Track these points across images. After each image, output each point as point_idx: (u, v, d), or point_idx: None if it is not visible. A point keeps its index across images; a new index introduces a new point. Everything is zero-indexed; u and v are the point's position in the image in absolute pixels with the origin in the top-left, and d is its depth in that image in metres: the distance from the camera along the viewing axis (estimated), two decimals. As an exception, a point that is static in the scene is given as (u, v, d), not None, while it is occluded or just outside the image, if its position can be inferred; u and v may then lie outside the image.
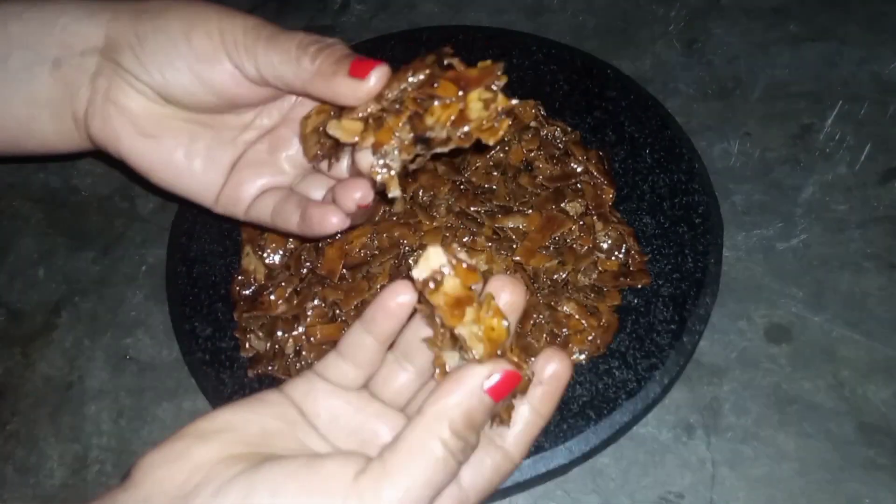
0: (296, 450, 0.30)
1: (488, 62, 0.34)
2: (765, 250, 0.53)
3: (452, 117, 0.34)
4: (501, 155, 0.53)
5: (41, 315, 0.55)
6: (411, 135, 0.35)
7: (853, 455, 0.44)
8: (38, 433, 0.50)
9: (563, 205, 0.50)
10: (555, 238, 0.49)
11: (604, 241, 0.49)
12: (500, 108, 0.34)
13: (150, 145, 0.40)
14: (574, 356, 0.45)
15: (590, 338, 0.46)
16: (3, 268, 0.58)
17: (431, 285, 0.30)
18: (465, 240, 0.48)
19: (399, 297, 0.32)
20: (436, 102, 0.34)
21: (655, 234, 0.50)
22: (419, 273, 0.30)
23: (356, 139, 0.35)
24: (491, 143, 0.34)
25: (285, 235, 0.50)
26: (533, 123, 0.54)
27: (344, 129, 0.35)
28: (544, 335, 0.46)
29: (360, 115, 0.35)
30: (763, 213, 0.54)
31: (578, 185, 0.51)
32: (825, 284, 0.51)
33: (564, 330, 0.46)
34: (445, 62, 0.35)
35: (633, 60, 0.64)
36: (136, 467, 0.29)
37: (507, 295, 0.32)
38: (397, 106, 0.35)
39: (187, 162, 0.41)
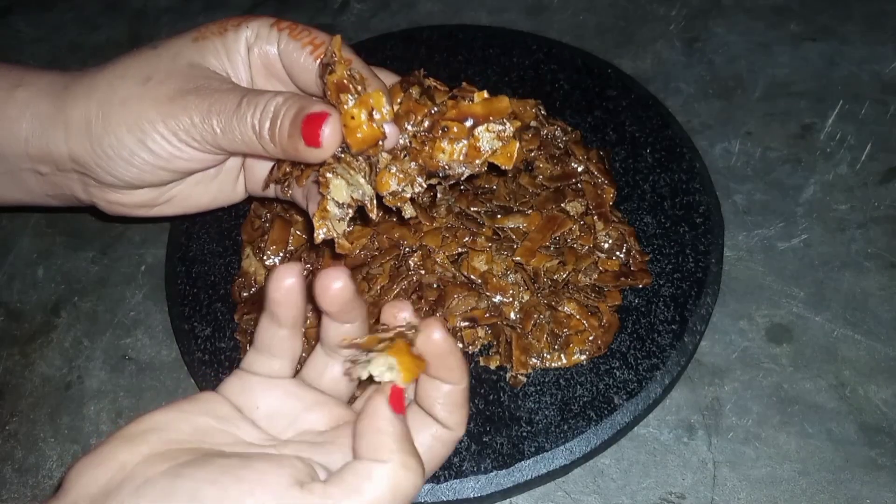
0: (230, 444, 0.30)
1: (497, 99, 0.35)
2: (766, 250, 0.53)
3: (465, 152, 0.35)
4: (502, 154, 0.52)
5: (40, 315, 0.55)
6: (421, 175, 0.36)
7: (854, 455, 0.44)
8: (38, 433, 0.49)
9: (563, 205, 0.50)
10: (555, 238, 0.48)
11: (604, 241, 0.49)
12: (509, 135, 0.35)
13: (164, 208, 0.43)
14: (575, 356, 0.45)
15: (590, 338, 0.46)
16: (2, 268, 0.58)
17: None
18: (465, 240, 0.48)
19: (285, 282, 0.32)
20: (444, 142, 0.35)
21: (656, 233, 0.50)
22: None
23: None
24: (508, 167, 0.35)
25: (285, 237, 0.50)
26: (533, 123, 0.54)
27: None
28: (545, 335, 0.46)
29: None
30: (764, 212, 0.54)
31: (579, 185, 0.51)
32: (826, 284, 0.51)
33: (565, 330, 0.46)
34: (427, 86, 0.36)
35: (633, 59, 0.63)
36: (66, 475, 0.29)
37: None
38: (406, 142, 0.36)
39: (207, 196, 0.44)
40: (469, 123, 0.35)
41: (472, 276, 0.47)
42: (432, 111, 0.36)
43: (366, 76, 0.36)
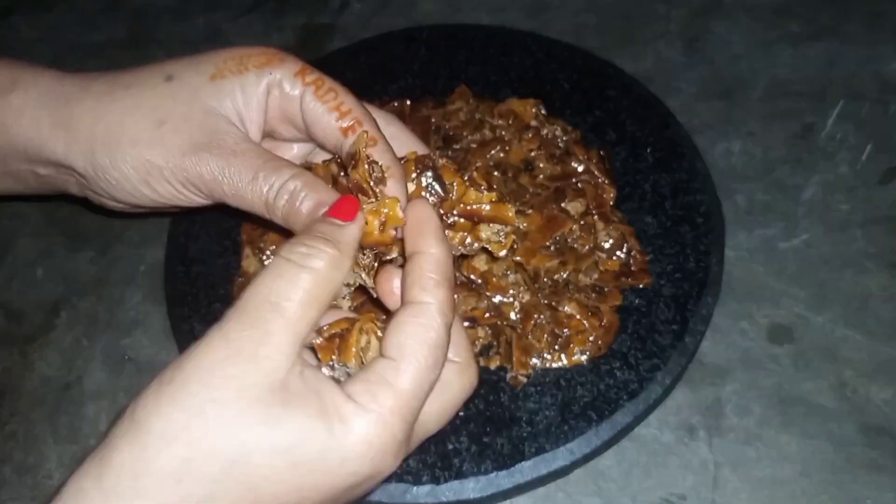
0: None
1: (504, 206, 0.37)
2: (767, 250, 0.52)
3: (467, 238, 0.38)
4: (502, 155, 0.52)
5: (40, 315, 0.55)
6: None
7: (855, 456, 0.44)
8: (37, 434, 0.49)
9: (563, 204, 0.50)
10: (556, 238, 0.48)
11: (605, 241, 0.49)
12: (504, 236, 0.38)
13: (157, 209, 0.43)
14: (575, 357, 0.45)
15: (591, 338, 0.46)
16: (1, 268, 0.58)
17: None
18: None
19: None
20: (448, 231, 0.37)
21: (657, 233, 0.50)
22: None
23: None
24: (501, 255, 0.38)
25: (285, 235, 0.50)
26: (533, 123, 0.54)
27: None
28: (545, 335, 0.46)
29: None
30: (765, 212, 0.54)
31: (579, 185, 0.51)
32: (827, 284, 0.51)
33: (566, 330, 0.46)
34: (438, 171, 0.37)
35: (634, 59, 0.63)
36: None
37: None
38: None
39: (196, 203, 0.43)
40: (475, 219, 0.37)
41: (472, 276, 0.47)
42: (441, 205, 0.37)
43: (387, 167, 0.36)
